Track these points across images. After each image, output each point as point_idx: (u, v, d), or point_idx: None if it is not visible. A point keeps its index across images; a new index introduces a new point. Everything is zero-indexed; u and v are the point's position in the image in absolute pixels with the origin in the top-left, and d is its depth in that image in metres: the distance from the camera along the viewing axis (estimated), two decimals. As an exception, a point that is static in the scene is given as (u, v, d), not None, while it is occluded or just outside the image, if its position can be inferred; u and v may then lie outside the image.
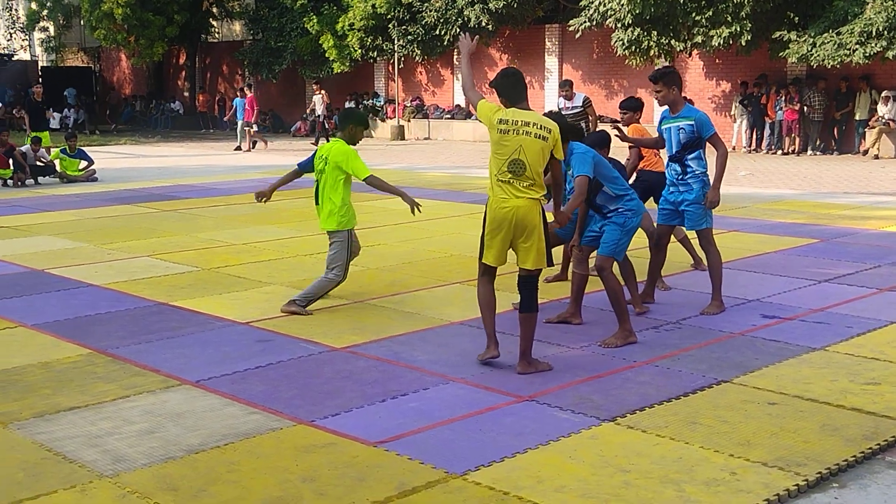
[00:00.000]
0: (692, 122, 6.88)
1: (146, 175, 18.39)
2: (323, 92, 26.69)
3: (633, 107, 8.42)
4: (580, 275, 6.72)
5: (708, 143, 6.94)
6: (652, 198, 7.97)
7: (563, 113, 13.70)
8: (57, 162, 17.30)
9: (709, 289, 7.07)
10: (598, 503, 3.85)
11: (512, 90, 5.63)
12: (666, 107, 7.01)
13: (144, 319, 6.95)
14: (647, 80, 7.36)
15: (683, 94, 7.36)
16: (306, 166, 7.43)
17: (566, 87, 13.53)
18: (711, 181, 6.94)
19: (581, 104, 13.37)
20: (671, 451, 4.38)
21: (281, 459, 4.32)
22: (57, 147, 18.00)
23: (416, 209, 7.00)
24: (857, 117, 21.08)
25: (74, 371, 5.71)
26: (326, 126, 26.32)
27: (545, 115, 6.12)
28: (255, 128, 25.13)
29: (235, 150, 24.92)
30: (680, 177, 7.01)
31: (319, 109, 26.54)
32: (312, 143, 25.86)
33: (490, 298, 5.80)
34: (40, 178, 16.98)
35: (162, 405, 5.08)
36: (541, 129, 5.49)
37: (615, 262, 6.54)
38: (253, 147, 24.90)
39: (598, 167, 6.20)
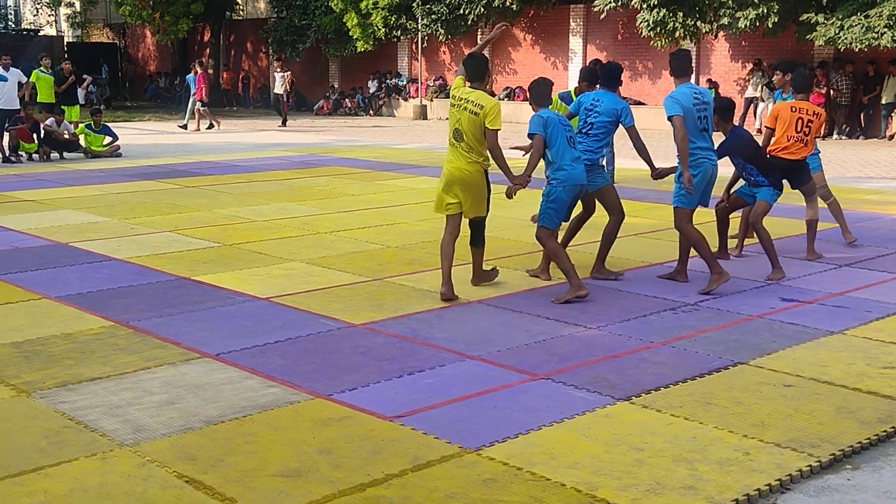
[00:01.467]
0: None
1: (169, 151, 18.49)
2: (286, 70, 26.00)
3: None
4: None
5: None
6: (788, 184, 8.20)
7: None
8: (82, 137, 17.43)
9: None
10: (611, 480, 3.89)
11: (469, 71, 6.78)
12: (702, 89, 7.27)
13: (166, 293, 7.03)
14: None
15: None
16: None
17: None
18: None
19: None
20: (685, 431, 4.40)
21: (298, 432, 4.38)
22: (83, 122, 18.13)
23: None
24: (883, 101, 20.87)
25: (97, 342, 5.79)
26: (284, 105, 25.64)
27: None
28: (199, 105, 23.71)
29: (181, 127, 24.13)
30: None
31: (280, 89, 25.71)
32: (279, 127, 25.03)
33: (448, 250, 6.85)
34: (65, 153, 17.12)
35: (182, 377, 5.15)
36: (475, 105, 6.61)
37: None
38: (207, 127, 23.87)
39: (548, 127, 6.81)
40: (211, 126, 24.13)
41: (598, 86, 7.64)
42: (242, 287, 7.19)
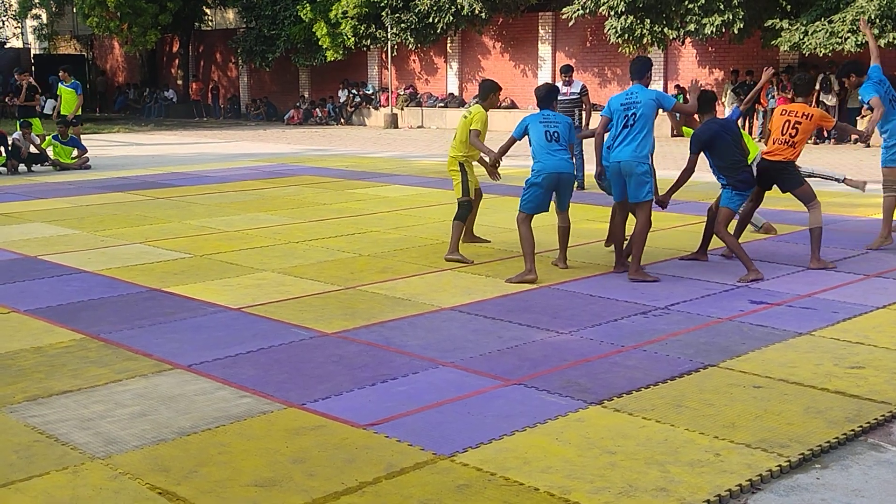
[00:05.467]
0: None
1: (139, 163, 18.39)
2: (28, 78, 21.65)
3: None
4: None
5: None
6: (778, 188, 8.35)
7: (559, 98, 13.74)
8: (50, 149, 17.28)
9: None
10: (584, 484, 3.91)
11: (479, 91, 8.54)
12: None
13: (137, 305, 6.99)
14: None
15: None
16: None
17: (568, 73, 13.51)
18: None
19: (578, 91, 13.40)
20: (657, 434, 4.44)
21: (271, 441, 4.37)
22: (49, 134, 17.98)
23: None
24: (848, 105, 21.13)
25: (67, 355, 5.75)
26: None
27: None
28: None
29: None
30: None
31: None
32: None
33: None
34: (33, 166, 16.97)
35: (154, 389, 5.13)
36: (467, 111, 8.44)
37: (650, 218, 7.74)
38: None
39: (529, 128, 7.69)
40: None
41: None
42: (214, 298, 7.16)
